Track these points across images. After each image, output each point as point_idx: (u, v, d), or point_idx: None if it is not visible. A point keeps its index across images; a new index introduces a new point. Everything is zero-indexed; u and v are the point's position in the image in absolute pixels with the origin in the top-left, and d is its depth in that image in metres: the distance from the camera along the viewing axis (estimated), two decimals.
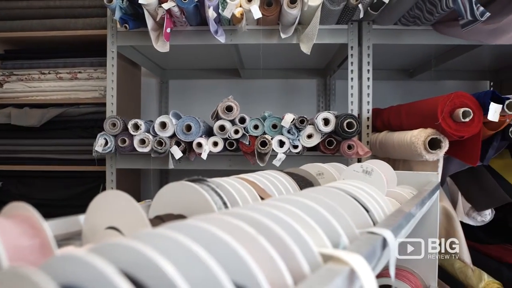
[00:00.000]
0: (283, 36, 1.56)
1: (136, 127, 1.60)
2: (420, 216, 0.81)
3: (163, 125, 1.58)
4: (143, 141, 1.60)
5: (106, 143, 1.61)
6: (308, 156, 1.63)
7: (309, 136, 1.55)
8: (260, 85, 2.45)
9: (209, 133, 1.66)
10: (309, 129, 1.55)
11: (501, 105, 1.19)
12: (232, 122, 1.59)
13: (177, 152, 1.58)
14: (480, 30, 1.36)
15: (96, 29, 1.94)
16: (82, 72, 2.02)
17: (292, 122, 1.52)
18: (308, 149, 1.60)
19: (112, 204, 0.44)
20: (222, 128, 1.58)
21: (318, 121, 1.51)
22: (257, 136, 1.57)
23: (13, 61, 2.06)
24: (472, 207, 1.49)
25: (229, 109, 1.56)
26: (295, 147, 1.56)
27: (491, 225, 1.50)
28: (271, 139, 1.55)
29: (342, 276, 0.31)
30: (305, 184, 0.81)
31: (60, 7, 1.99)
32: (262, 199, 0.60)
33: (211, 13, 1.45)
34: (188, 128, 1.58)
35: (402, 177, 1.04)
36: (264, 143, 1.54)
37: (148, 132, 1.61)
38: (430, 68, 2.07)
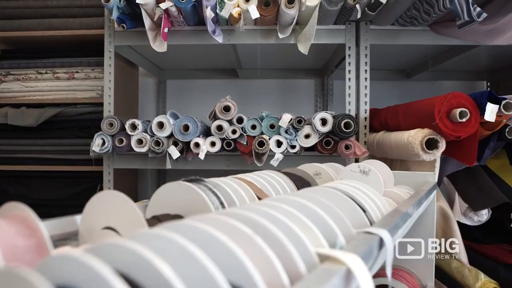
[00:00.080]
0: (280, 36, 1.56)
1: (134, 127, 1.60)
2: (417, 216, 0.81)
3: (161, 125, 1.58)
4: (140, 141, 1.59)
5: (104, 143, 1.61)
6: (306, 156, 1.63)
7: (307, 136, 1.55)
8: (258, 85, 2.45)
9: (206, 133, 1.66)
10: (306, 129, 1.55)
11: (497, 106, 1.20)
12: (230, 122, 1.59)
13: (174, 152, 1.57)
14: (477, 30, 1.36)
15: (93, 28, 1.93)
16: (80, 72, 2.01)
17: (289, 122, 1.53)
18: (306, 149, 1.60)
19: (109, 204, 0.44)
20: (219, 128, 1.58)
21: (316, 121, 1.51)
22: (254, 136, 1.57)
23: (10, 61, 2.05)
24: (469, 207, 1.50)
25: (226, 109, 1.56)
26: (293, 147, 1.57)
27: (487, 225, 1.51)
28: (269, 139, 1.55)
29: (338, 276, 0.31)
30: (303, 184, 0.81)
31: (58, 7, 1.98)
32: (260, 199, 0.60)
33: (208, 13, 1.45)
34: (186, 128, 1.58)
35: (399, 177, 1.04)
36: (261, 143, 1.54)
37: (145, 132, 1.61)
38: (427, 68, 2.07)
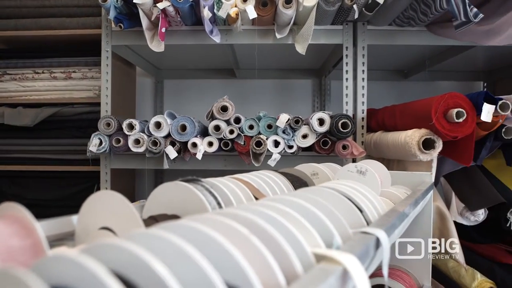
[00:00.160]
0: (278, 36, 1.56)
1: (131, 127, 1.60)
2: (414, 216, 0.81)
3: (158, 125, 1.58)
4: (137, 141, 1.59)
5: (101, 143, 1.61)
6: (303, 156, 1.63)
7: (304, 136, 1.55)
8: (255, 85, 2.45)
9: (204, 133, 1.66)
10: (304, 129, 1.55)
11: (494, 106, 1.20)
12: (227, 122, 1.59)
13: (172, 152, 1.57)
14: (473, 31, 1.37)
15: (90, 28, 1.93)
16: (77, 71, 2.01)
17: (287, 122, 1.53)
18: (303, 149, 1.61)
19: (105, 204, 0.44)
20: (217, 128, 1.58)
21: (313, 121, 1.51)
22: (252, 136, 1.57)
23: (7, 60, 2.04)
24: (466, 207, 1.50)
25: (224, 109, 1.56)
26: (290, 147, 1.57)
27: (484, 224, 1.51)
28: (266, 139, 1.55)
29: (335, 276, 0.31)
30: (300, 184, 0.81)
31: (55, 6, 1.97)
32: (257, 199, 0.60)
33: (206, 13, 1.45)
34: (183, 128, 1.58)
35: (396, 177, 1.04)
36: (259, 143, 1.54)
37: (142, 132, 1.60)
38: (425, 68, 2.08)
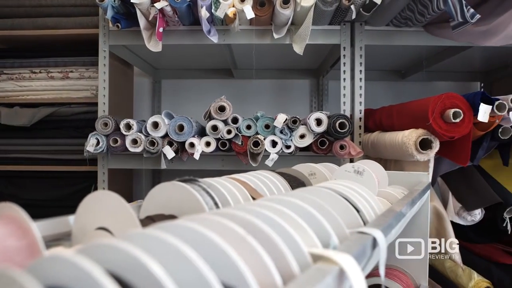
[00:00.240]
0: (276, 36, 1.57)
1: (128, 127, 1.59)
2: (411, 215, 0.81)
3: (156, 125, 1.58)
4: (135, 141, 1.59)
5: (98, 143, 1.60)
6: (301, 156, 1.63)
7: (302, 136, 1.56)
8: (253, 85, 2.45)
9: (201, 133, 1.66)
10: (301, 129, 1.55)
11: (490, 106, 1.21)
12: (225, 122, 1.59)
13: (169, 152, 1.57)
14: (470, 32, 1.37)
15: (88, 28, 1.92)
16: (74, 71, 2.00)
17: (284, 122, 1.53)
18: (301, 149, 1.61)
19: (102, 204, 0.44)
20: (214, 128, 1.58)
21: (311, 121, 1.51)
22: (249, 136, 1.57)
23: (3, 60, 2.03)
24: (463, 207, 1.51)
25: (221, 109, 1.56)
26: (288, 147, 1.57)
27: (481, 224, 1.52)
28: (264, 139, 1.55)
29: (331, 276, 0.31)
30: (297, 184, 0.81)
31: (52, 6, 1.96)
32: (254, 199, 0.60)
33: (204, 13, 1.45)
34: (181, 128, 1.57)
35: (393, 177, 1.04)
36: (256, 143, 1.54)
37: (140, 132, 1.60)
38: (422, 69, 2.08)
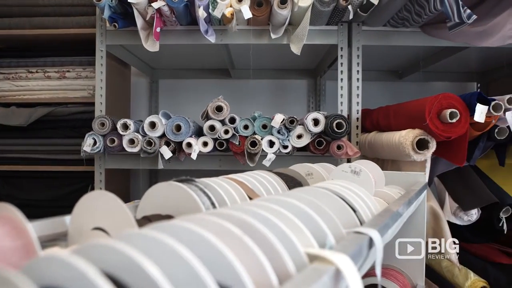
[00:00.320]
0: (273, 36, 1.57)
1: (125, 127, 1.59)
2: (407, 215, 0.81)
3: (153, 125, 1.57)
4: (132, 141, 1.58)
5: (95, 143, 1.60)
6: (298, 156, 1.63)
7: (299, 136, 1.56)
8: (250, 85, 2.45)
9: (199, 133, 1.66)
10: (299, 129, 1.55)
11: (487, 107, 1.21)
12: (222, 122, 1.59)
13: (166, 152, 1.57)
14: (467, 32, 1.38)
15: (85, 27, 1.91)
16: (71, 71, 2.00)
17: (282, 122, 1.53)
18: (298, 149, 1.61)
19: (98, 204, 0.44)
20: (212, 128, 1.58)
21: (308, 122, 1.52)
22: (247, 136, 1.57)
23: (0, 59, 2.02)
24: (459, 207, 1.51)
25: (219, 109, 1.55)
26: (285, 147, 1.57)
27: (477, 224, 1.52)
28: (261, 139, 1.55)
29: (327, 275, 0.31)
30: (294, 184, 0.81)
31: (49, 5, 1.95)
32: (251, 199, 0.60)
33: (201, 13, 1.45)
34: (178, 128, 1.57)
35: (390, 177, 1.05)
36: (254, 143, 1.54)
37: (137, 132, 1.60)
38: (419, 69, 2.09)
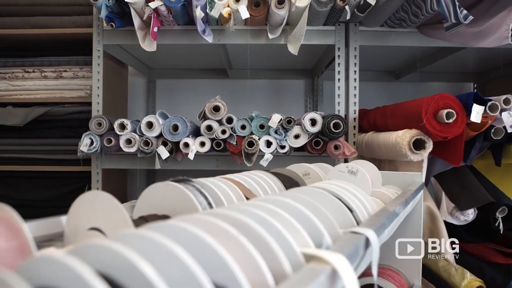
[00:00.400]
0: (270, 36, 1.57)
1: (122, 126, 1.59)
2: (404, 215, 0.82)
3: (150, 125, 1.57)
4: (129, 141, 1.58)
5: (92, 143, 1.59)
6: (295, 157, 1.63)
7: (296, 136, 1.56)
8: (247, 85, 2.45)
9: (196, 133, 1.66)
10: (296, 129, 1.55)
11: (483, 107, 1.22)
12: (220, 122, 1.59)
13: (163, 152, 1.57)
14: (463, 33, 1.38)
15: (82, 27, 1.91)
16: (68, 71, 1.99)
17: (279, 122, 1.53)
18: (295, 150, 1.61)
19: (94, 204, 0.44)
20: (209, 128, 1.57)
21: (305, 122, 1.52)
22: (244, 136, 1.57)
23: None
24: (456, 207, 1.52)
25: (216, 109, 1.55)
26: (282, 147, 1.57)
27: (473, 224, 1.53)
28: (258, 139, 1.55)
29: (323, 275, 0.31)
30: (291, 184, 0.81)
31: (45, 5, 1.95)
32: (248, 199, 0.60)
33: (198, 13, 1.45)
34: (175, 128, 1.57)
35: (387, 177, 1.05)
36: (251, 144, 1.54)
37: (134, 132, 1.59)
38: (416, 69, 2.10)
